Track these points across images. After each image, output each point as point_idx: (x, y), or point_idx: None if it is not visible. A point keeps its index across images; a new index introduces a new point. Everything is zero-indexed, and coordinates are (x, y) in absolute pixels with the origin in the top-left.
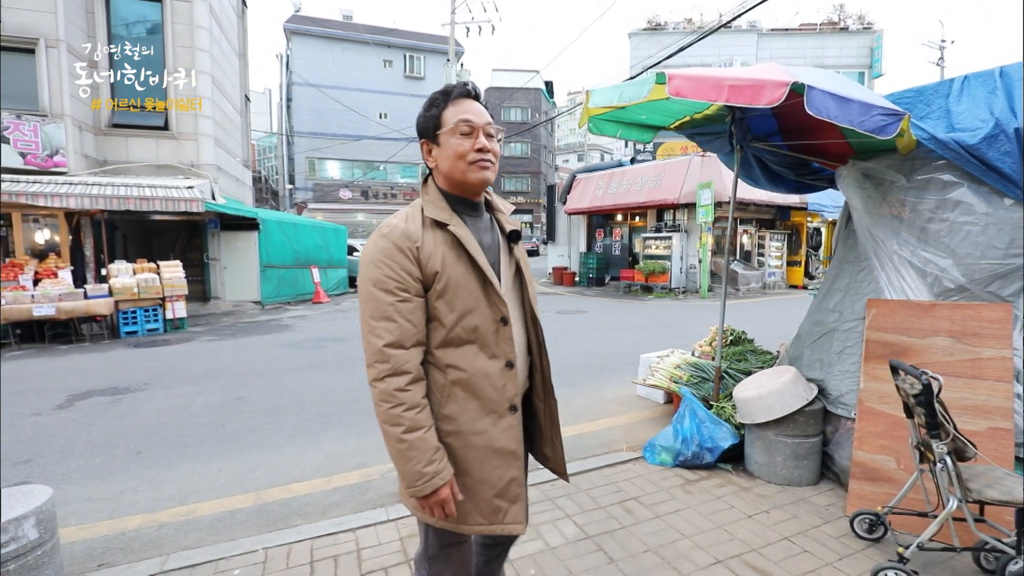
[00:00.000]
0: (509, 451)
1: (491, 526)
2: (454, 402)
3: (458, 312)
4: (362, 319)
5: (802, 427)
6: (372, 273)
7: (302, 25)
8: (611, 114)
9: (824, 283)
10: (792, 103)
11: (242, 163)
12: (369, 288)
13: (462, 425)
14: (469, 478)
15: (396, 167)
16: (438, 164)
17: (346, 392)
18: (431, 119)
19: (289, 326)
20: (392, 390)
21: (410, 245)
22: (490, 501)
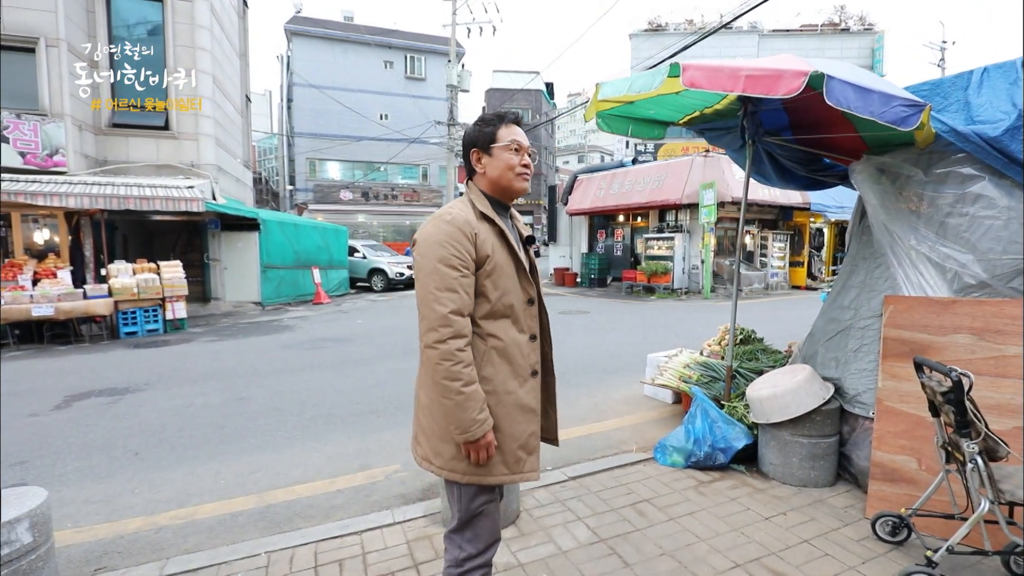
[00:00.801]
0: (531, 408)
1: (512, 475)
2: (491, 365)
3: (500, 291)
4: (425, 290)
5: (819, 427)
6: (439, 252)
7: (303, 26)
8: (619, 109)
9: (838, 280)
10: (805, 97)
11: (243, 163)
12: (435, 264)
13: (497, 385)
14: (499, 433)
15: (397, 168)
16: (487, 171)
17: (348, 393)
18: (487, 135)
19: (290, 327)
20: (454, 350)
21: (470, 231)
22: (514, 452)
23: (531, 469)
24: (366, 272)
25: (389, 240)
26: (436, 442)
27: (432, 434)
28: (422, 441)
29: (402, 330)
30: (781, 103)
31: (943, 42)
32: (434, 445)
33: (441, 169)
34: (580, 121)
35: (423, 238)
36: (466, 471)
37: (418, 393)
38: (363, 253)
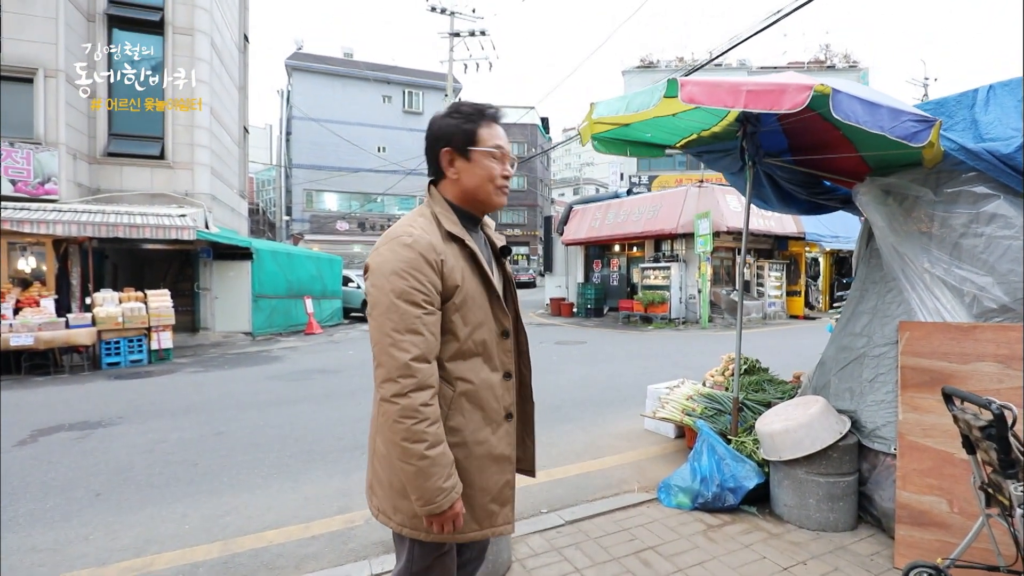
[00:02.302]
0: (505, 457)
1: (483, 531)
2: (460, 414)
3: (471, 326)
4: (381, 332)
5: (836, 464)
6: (397, 284)
7: (303, 62)
8: (615, 132)
9: (847, 306)
10: (805, 117)
11: (239, 193)
12: (392, 299)
13: (467, 436)
14: (470, 488)
15: (393, 199)
16: (461, 178)
17: (332, 427)
18: (465, 133)
19: (279, 357)
20: (418, 405)
21: (436, 257)
22: (485, 506)
23: (504, 522)
24: (360, 302)
25: None
26: (395, 497)
27: (390, 488)
28: (378, 492)
29: None
30: (780, 125)
31: (925, 79)
32: (392, 500)
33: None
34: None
35: (377, 265)
36: (428, 530)
37: (374, 440)
38: (358, 283)
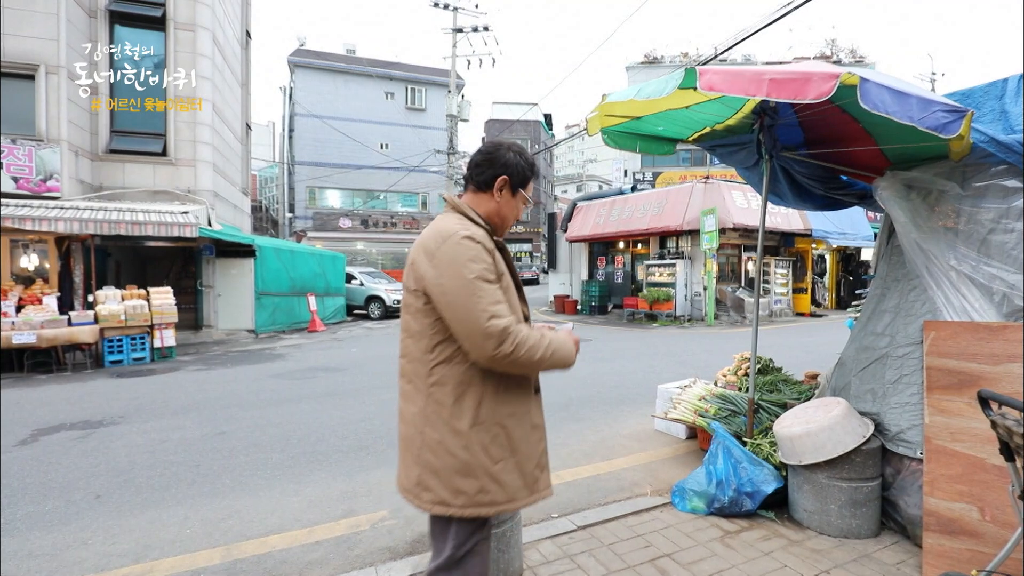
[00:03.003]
0: (540, 425)
1: (531, 496)
2: (515, 386)
3: (511, 308)
4: (476, 309)
5: (859, 469)
6: (475, 268)
7: (306, 58)
8: (626, 126)
9: (867, 304)
10: (822, 110)
11: (241, 191)
12: (474, 280)
13: (517, 408)
14: (519, 456)
15: (396, 196)
16: (500, 204)
17: (336, 427)
18: (524, 177)
19: (282, 355)
20: (526, 347)
21: (491, 248)
22: (532, 472)
23: (545, 486)
24: (363, 300)
25: (388, 268)
26: (456, 479)
27: (451, 472)
28: (433, 485)
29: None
30: (796, 118)
31: (932, 73)
32: (453, 484)
33: (440, 197)
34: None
35: (450, 259)
36: (492, 502)
37: (422, 433)
38: (360, 280)
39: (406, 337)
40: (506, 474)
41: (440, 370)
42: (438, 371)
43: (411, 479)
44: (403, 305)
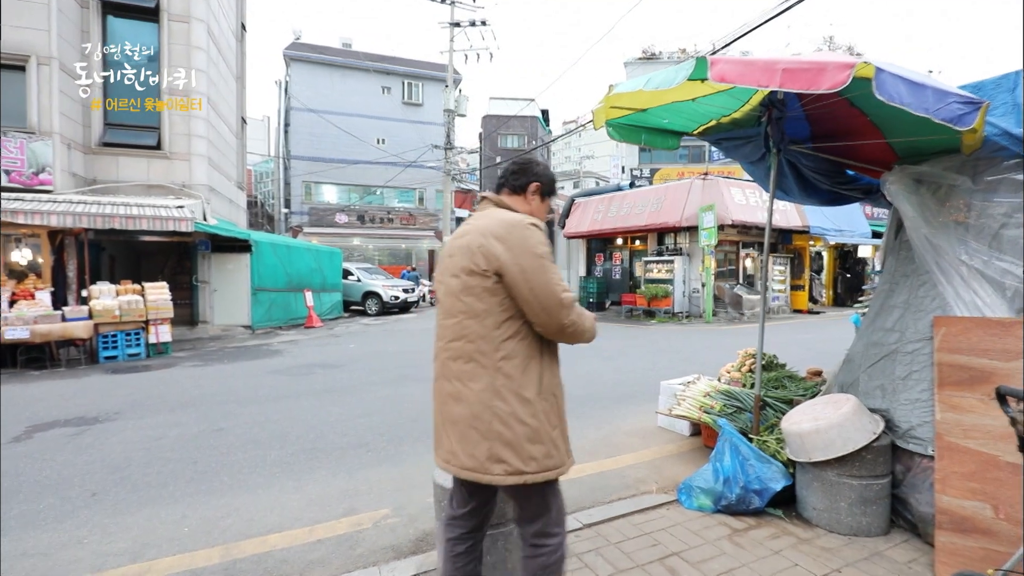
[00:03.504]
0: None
1: (569, 461)
2: (556, 361)
3: None
4: (552, 283)
5: (869, 466)
6: (543, 249)
7: (302, 52)
8: (631, 118)
9: (875, 299)
10: (830, 103)
11: (237, 185)
12: (546, 259)
13: (559, 380)
14: (563, 423)
15: (393, 192)
16: (532, 208)
17: (335, 423)
18: (552, 188)
19: (279, 351)
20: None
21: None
22: (568, 440)
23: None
24: (360, 295)
25: (385, 263)
26: (527, 446)
27: (522, 440)
28: (506, 456)
29: (393, 355)
30: (804, 112)
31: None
32: (525, 451)
33: (438, 193)
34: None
35: (520, 243)
36: (556, 465)
37: (492, 406)
38: (357, 276)
39: (464, 319)
40: (560, 440)
41: (508, 345)
42: (506, 346)
43: (479, 455)
44: (457, 290)
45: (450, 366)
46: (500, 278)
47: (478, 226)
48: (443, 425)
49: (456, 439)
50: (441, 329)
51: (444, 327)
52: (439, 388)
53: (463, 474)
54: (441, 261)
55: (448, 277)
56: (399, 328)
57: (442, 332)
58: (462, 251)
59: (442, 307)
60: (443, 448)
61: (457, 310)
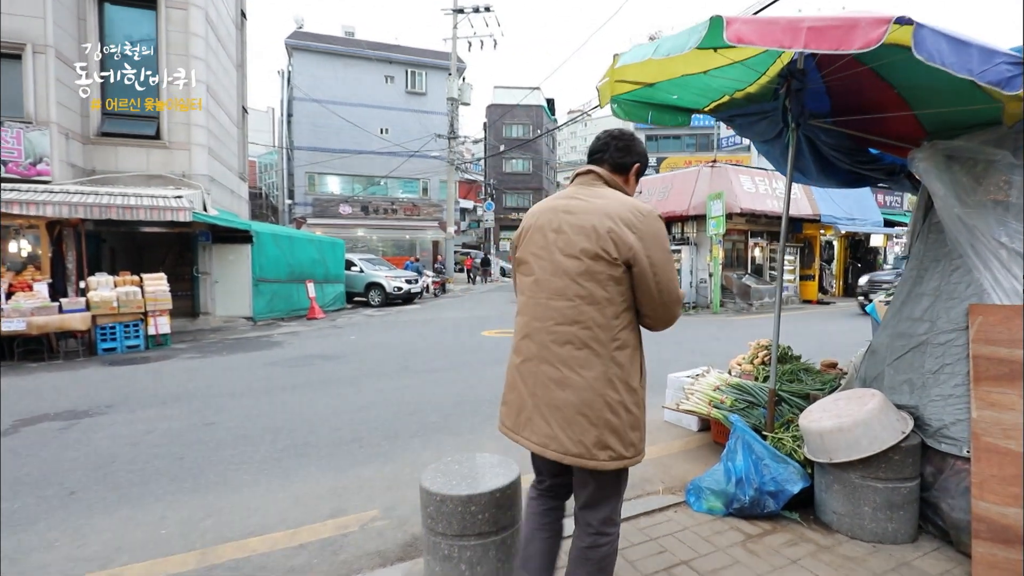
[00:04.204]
0: None
1: None
2: None
3: None
4: (674, 278)
5: (897, 468)
6: (668, 243)
7: (304, 41)
8: (638, 93)
9: (901, 287)
10: (856, 72)
11: (238, 176)
12: (670, 253)
13: None
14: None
15: (397, 182)
16: (631, 188)
17: (329, 417)
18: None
19: (279, 343)
20: None
21: None
22: None
23: None
24: (363, 286)
25: (389, 255)
26: (630, 433)
27: (627, 427)
28: (612, 443)
29: (395, 347)
30: (824, 84)
31: None
32: (628, 438)
33: (441, 183)
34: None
35: (654, 233)
36: (643, 450)
37: (604, 394)
38: (360, 267)
39: (582, 304)
40: (644, 427)
41: (623, 335)
42: (621, 336)
43: (588, 441)
44: (575, 272)
45: (554, 350)
46: (628, 268)
47: (598, 206)
48: (539, 408)
49: (560, 425)
50: (542, 308)
51: (549, 308)
52: (535, 370)
53: (566, 459)
54: (537, 233)
55: (560, 256)
56: (402, 319)
57: (544, 312)
58: (581, 231)
59: (545, 286)
60: (538, 432)
61: (573, 293)
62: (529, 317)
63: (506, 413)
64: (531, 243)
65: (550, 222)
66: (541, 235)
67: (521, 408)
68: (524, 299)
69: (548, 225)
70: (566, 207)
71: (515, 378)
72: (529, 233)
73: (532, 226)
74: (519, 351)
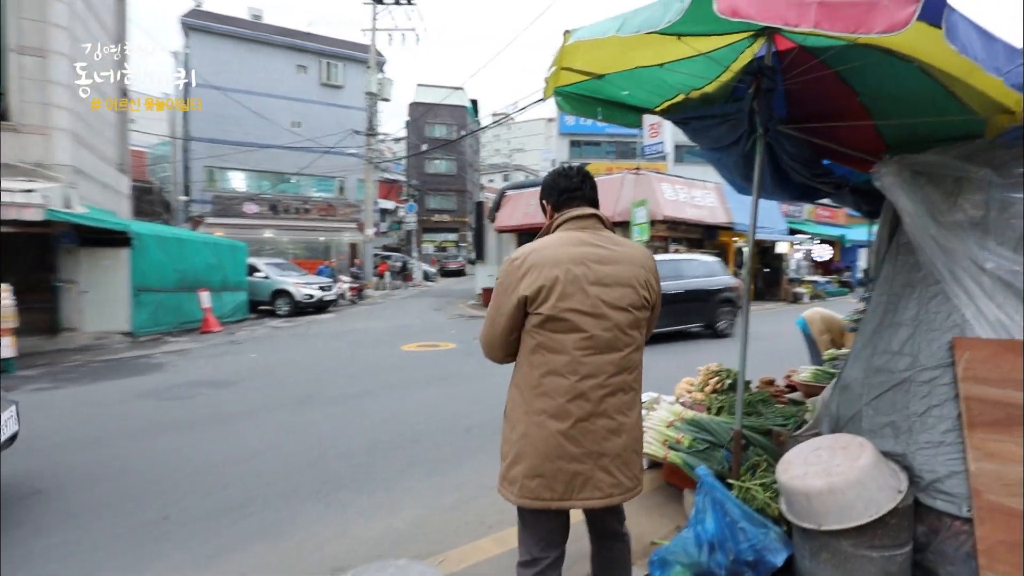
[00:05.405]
0: None
1: None
2: None
3: None
4: None
5: (894, 533)
6: None
7: (203, 21)
8: (586, 86)
9: (870, 315)
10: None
11: (117, 168)
12: None
13: None
14: None
15: (310, 180)
16: None
17: (204, 472)
18: None
19: (160, 365)
20: None
21: None
22: None
23: None
24: (269, 294)
25: (301, 258)
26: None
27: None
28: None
29: (302, 367)
30: (784, 87)
31: None
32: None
33: (360, 182)
34: (504, 141)
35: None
36: None
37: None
38: (265, 272)
39: (631, 352)
40: None
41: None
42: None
43: (637, 471)
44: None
45: (610, 402)
46: (652, 311)
47: (624, 255)
48: (600, 464)
49: (619, 469)
50: (594, 366)
51: (603, 363)
52: (591, 428)
53: (626, 497)
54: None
55: (609, 310)
56: (313, 331)
57: (597, 369)
58: (624, 284)
59: (599, 342)
60: (602, 488)
61: (623, 344)
62: (578, 377)
63: (547, 484)
64: (568, 299)
65: (585, 275)
66: (579, 290)
67: (575, 473)
68: (567, 359)
69: (584, 278)
70: (596, 256)
71: (560, 443)
72: (560, 288)
73: (562, 280)
74: (565, 414)
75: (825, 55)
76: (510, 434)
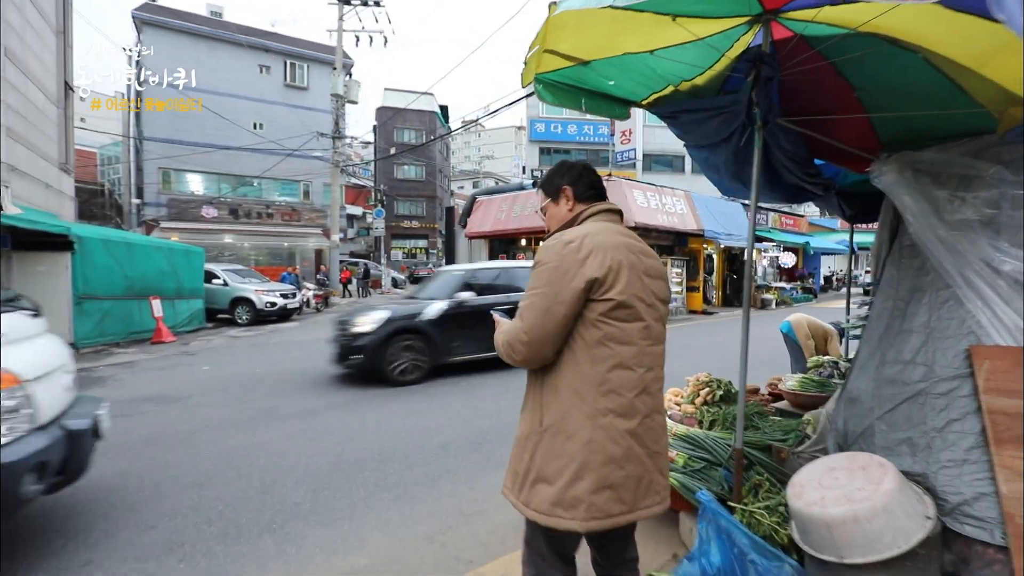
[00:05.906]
0: None
1: None
2: None
3: None
4: None
5: (923, 565)
6: None
7: (157, 15)
8: (568, 73)
9: (876, 320)
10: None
11: (60, 168)
12: None
13: None
14: None
15: (273, 183)
16: None
17: (133, 510)
18: None
19: (102, 379)
20: None
21: None
22: None
23: None
24: (228, 302)
25: (263, 264)
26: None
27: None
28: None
29: (260, 380)
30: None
31: None
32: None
33: (325, 187)
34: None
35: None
36: None
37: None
38: (224, 279)
39: (651, 346)
40: None
41: None
42: None
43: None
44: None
45: (660, 397)
46: None
47: (648, 250)
48: (657, 464)
49: (664, 470)
50: (651, 357)
51: (655, 355)
52: (653, 425)
53: (668, 502)
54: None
55: (657, 300)
56: (275, 341)
57: (652, 360)
58: (661, 276)
59: (652, 332)
60: (659, 490)
61: (661, 338)
62: (643, 369)
63: (617, 496)
64: (631, 285)
65: (636, 264)
66: (637, 278)
67: (641, 476)
68: (635, 350)
69: (638, 266)
70: (638, 248)
71: (629, 446)
72: (623, 273)
73: (623, 265)
74: (633, 412)
75: (823, 45)
76: (564, 447)
